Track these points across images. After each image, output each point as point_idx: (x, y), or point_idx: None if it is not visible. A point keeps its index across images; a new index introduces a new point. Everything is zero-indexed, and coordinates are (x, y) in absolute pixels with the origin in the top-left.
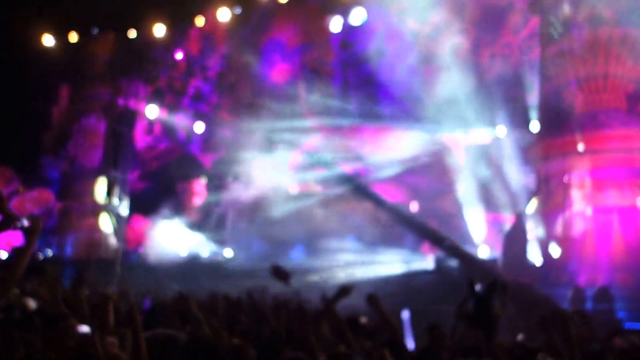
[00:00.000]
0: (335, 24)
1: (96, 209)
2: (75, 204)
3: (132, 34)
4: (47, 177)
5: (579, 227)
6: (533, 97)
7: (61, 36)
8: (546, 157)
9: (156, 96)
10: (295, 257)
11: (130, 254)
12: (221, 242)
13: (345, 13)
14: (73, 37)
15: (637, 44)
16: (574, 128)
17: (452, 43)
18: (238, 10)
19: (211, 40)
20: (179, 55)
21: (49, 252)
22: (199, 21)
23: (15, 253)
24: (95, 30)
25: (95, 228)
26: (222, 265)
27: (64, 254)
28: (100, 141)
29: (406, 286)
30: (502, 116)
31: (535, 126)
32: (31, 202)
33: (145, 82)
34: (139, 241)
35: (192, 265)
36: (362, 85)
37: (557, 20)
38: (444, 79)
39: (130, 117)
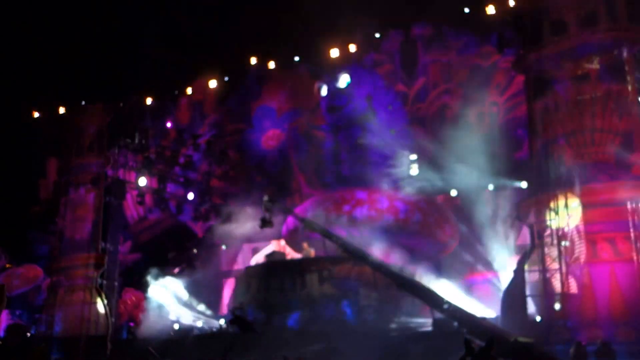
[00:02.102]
0: (322, 89)
1: (86, 284)
2: (64, 279)
3: (121, 104)
4: (36, 252)
5: (576, 283)
6: (522, 153)
7: (49, 109)
8: (538, 213)
9: (146, 166)
10: (292, 324)
11: (122, 328)
12: (216, 312)
13: (331, 78)
14: (61, 109)
15: (621, 99)
16: (564, 183)
17: (440, 104)
18: (227, 79)
19: (201, 108)
20: (169, 125)
21: (37, 329)
22: (188, 90)
23: None
24: (83, 102)
25: (85, 303)
26: (215, 336)
27: (53, 331)
28: (90, 213)
29: (405, 348)
30: (492, 173)
31: (525, 182)
32: (19, 278)
33: (135, 152)
34: (131, 315)
35: (185, 338)
36: (353, 148)
37: (541, 77)
38: (433, 139)
39: (119, 187)
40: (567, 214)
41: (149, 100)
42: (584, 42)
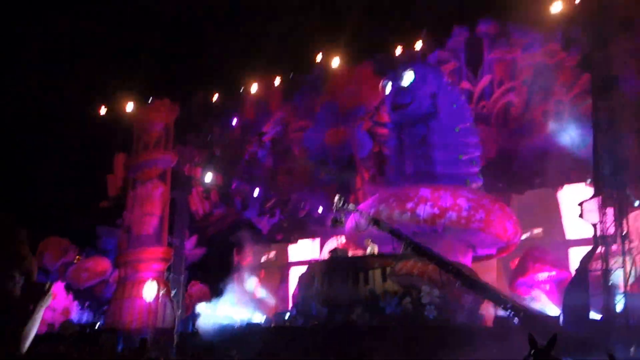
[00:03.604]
0: (386, 86)
1: (153, 277)
2: (131, 273)
3: (188, 101)
4: (104, 246)
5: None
6: (587, 152)
7: (117, 106)
8: (603, 212)
9: (211, 162)
10: (355, 320)
11: (188, 321)
12: (283, 306)
13: (396, 75)
14: (129, 106)
15: None
16: (631, 181)
17: (505, 102)
18: (291, 76)
19: (266, 105)
20: (234, 122)
21: (104, 321)
22: (254, 87)
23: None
24: (151, 99)
25: (153, 296)
26: (281, 329)
27: (121, 322)
28: (156, 208)
29: (464, 346)
30: (558, 172)
31: (591, 180)
32: (87, 271)
33: (201, 148)
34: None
35: (248, 332)
36: (417, 145)
37: (607, 75)
38: (498, 137)
39: (185, 183)
40: (632, 213)
41: (214, 97)
42: None
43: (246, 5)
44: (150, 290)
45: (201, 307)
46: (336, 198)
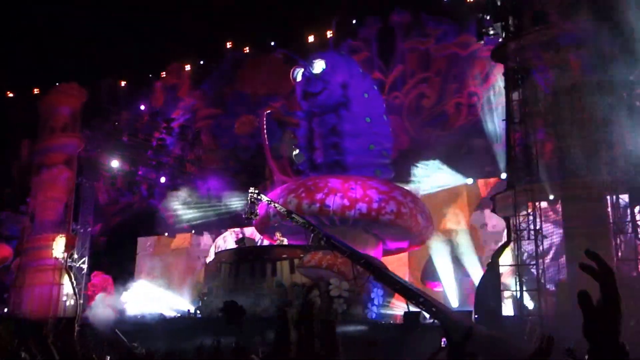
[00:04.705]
0: (297, 75)
1: (55, 265)
2: (33, 260)
3: (96, 86)
4: (7, 232)
5: (553, 279)
6: (500, 146)
7: (23, 90)
8: (516, 207)
9: (119, 148)
10: (262, 312)
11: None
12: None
13: (307, 64)
14: (35, 90)
15: (602, 91)
16: (543, 176)
17: (417, 93)
18: (202, 63)
19: (175, 92)
20: (143, 108)
21: (5, 309)
22: (163, 74)
23: None
24: (58, 83)
25: (54, 284)
26: (185, 320)
27: (21, 310)
28: (62, 195)
29: (372, 339)
30: (469, 165)
31: (503, 175)
32: None
33: (108, 134)
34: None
35: (151, 323)
36: (327, 135)
37: (520, 67)
38: (410, 128)
39: (92, 169)
40: (545, 209)
41: (123, 83)
42: (565, 32)
43: None
44: (52, 278)
45: (103, 297)
46: (251, 189)
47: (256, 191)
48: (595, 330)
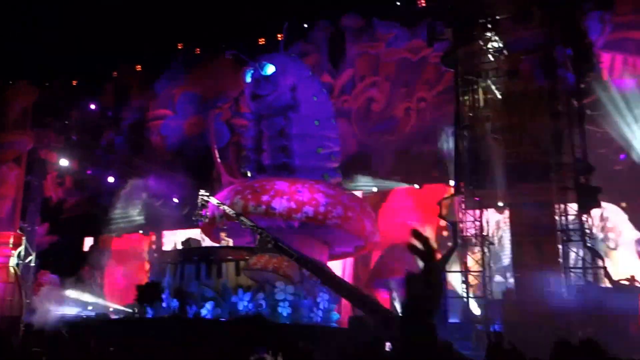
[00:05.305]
0: (247, 77)
1: (3, 263)
2: None
3: (47, 84)
4: None
5: (499, 286)
6: (449, 151)
7: None
8: (463, 212)
9: (68, 147)
10: (206, 315)
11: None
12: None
13: (256, 66)
14: None
15: (552, 98)
16: (491, 182)
17: (366, 97)
18: (153, 63)
19: (125, 92)
20: (93, 107)
21: None
22: (114, 73)
23: None
24: (10, 81)
25: (1, 282)
26: (129, 321)
27: None
28: (11, 192)
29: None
30: (418, 170)
31: (451, 180)
32: None
33: (58, 132)
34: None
35: (94, 323)
36: (275, 137)
37: (471, 73)
38: (359, 132)
39: (41, 167)
40: (493, 214)
41: (75, 82)
42: (515, 38)
43: None
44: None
45: (49, 296)
46: (201, 192)
47: (206, 194)
48: (414, 307)
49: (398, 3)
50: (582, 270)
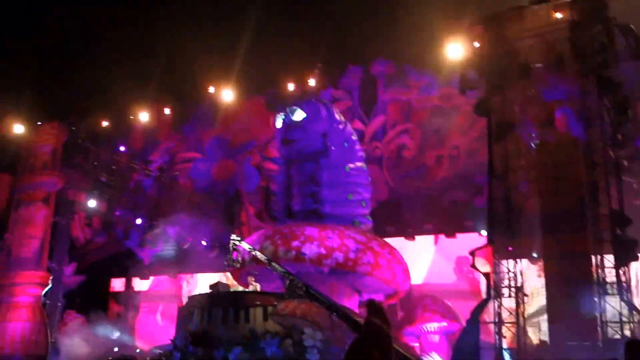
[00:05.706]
0: (277, 122)
1: (30, 302)
2: (7, 296)
3: (77, 126)
4: None
5: (533, 337)
6: (482, 200)
7: (5, 126)
8: (497, 262)
9: (96, 188)
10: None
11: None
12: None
13: (287, 111)
14: (18, 127)
15: (588, 148)
16: (525, 232)
17: (398, 144)
18: (182, 107)
19: (154, 135)
20: (122, 149)
21: None
22: (143, 116)
23: None
24: (40, 122)
25: (28, 322)
26: None
27: None
28: (39, 232)
29: None
30: (450, 219)
31: (484, 229)
32: None
33: (87, 174)
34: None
35: None
36: (305, 183)
37: (504, 121)
38: (390, 179)
39: (69, 208)
40: (527, 265)
41: (104, 124)
42: (550, 88)
43: (137, 31)
44: (25, 316)
45: (73, 336)
46: (233, 236)
47: (238, 238)
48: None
49: (430, 50)
50: (619, 324)
